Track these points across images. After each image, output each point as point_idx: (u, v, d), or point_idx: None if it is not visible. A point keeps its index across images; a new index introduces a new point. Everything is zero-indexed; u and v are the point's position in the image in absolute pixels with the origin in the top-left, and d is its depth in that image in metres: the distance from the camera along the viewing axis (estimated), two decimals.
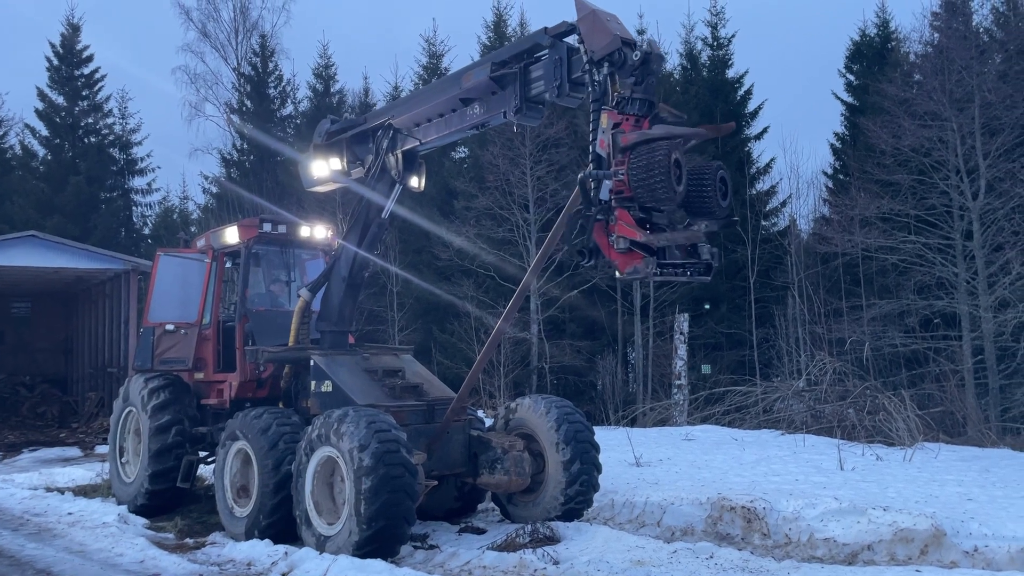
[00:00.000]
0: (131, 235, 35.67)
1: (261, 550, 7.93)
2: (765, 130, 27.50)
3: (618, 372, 23.21)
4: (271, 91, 34.79)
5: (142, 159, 35.98)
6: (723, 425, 17.34)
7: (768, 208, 26.84)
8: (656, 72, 6.47)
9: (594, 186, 6.13)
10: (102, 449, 15.97)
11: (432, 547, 8.12)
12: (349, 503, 7.33)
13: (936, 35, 21.89)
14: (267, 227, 10.00)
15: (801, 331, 22.17)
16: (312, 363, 8.89)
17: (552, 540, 8.00)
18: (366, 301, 23.03)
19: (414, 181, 8.99)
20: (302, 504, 7.87)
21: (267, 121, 33.45)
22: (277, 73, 35.12)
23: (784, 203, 26.92)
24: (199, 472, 10.73)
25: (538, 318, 23.32)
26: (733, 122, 12.75)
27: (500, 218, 23.69)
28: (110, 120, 35.48)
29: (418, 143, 8.53)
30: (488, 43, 29.13)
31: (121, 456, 10.70)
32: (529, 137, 22.78)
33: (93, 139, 34.73)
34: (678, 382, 19.88)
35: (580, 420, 8.94)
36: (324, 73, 34.00)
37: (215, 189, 34.48)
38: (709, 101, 26.20)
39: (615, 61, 6.36)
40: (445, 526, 9.14)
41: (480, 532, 8.88)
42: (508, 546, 7.86)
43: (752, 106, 27.65)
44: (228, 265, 10.55)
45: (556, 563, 7.19)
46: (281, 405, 9.49)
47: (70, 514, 9.78)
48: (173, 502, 10.11)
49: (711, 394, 19.39)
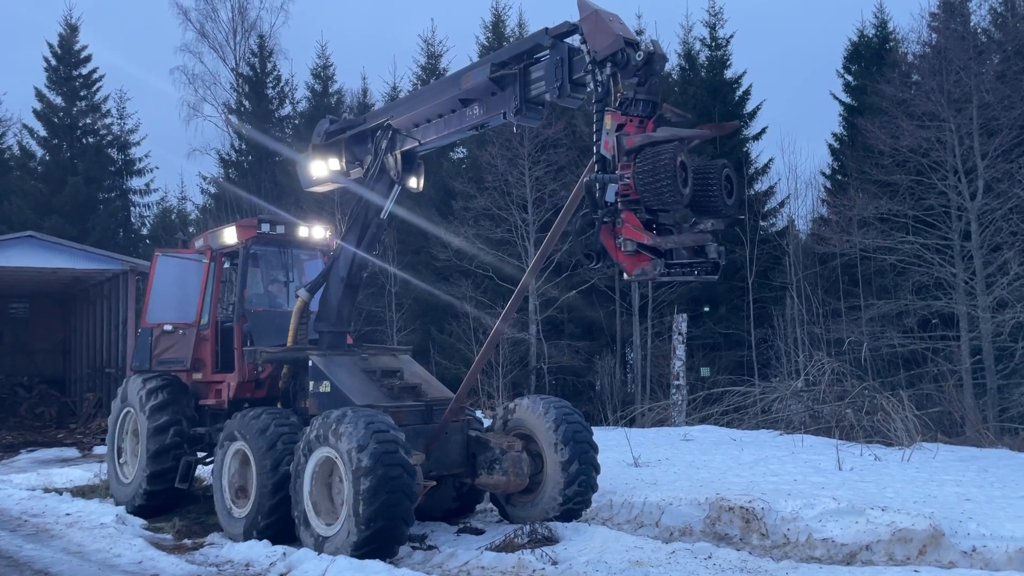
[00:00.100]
0: (129, 235, 35.56)
1: (259, 551, 7.93)
2: (763, 130, 27.42)
3: (616, 372, 23.19)
4: (269, 91, 34.73)
5: (140, 159, 35.92)
6: (721, 425, 17.36)
7: (766, 208, 26.79)
8: (659, 72, 6.47)
9: (600, 189, 6.13)
10: (100, 450, 15.97)
11: (430, 547, 8.12)
12: (347, 504, 7.33)
13: (934, 36, 21.88)
14: (265, 227, 10.00)
15: (799, 331, 22.16)
16: (310, 363, 8.89)
17: (550, 540, 8.01)
18: (364, 301, 23.01)
19: (413, 181, 8.99)
20: (300, 505, 7.86)
21: (265, 121, 33.39)
22: (275, 73, 35.08)
23: (782, 203, 26.93)
24: (197, 473, 10.74)
25: (537, 318, 23.31)
26: (736, 120, 12.78)
27: (498, 218, 23.67)
28: (108, 120, 35.41)
29: (417, 144, 8.53)
30: (487, 44, 29.08)
31: (119, 457, 10.69)
32: (527, 137, 22.75)
33: (91, 139, 34.64)
34: (676, 382, 19.89)
35: (578, 420, 8.94)
36: (322, 73, 33.97)
37: (213, 189, 34.43)
38: (707, 102, 26.15)
39: (618, 61, 6.36)
40: (443, 526, 9.14)
41: (478, 532, 8.88)
42: (506, 546, 7.86)
43: (750, 106, 27.55)
44: (226, 265, 10.55)
45: (554, 563, 7.18)
46: (279, 405, 9.48)
47: (68, 515, 9.79)
48: (171, 503, 10.10)
49: (709, 394, 19.39)
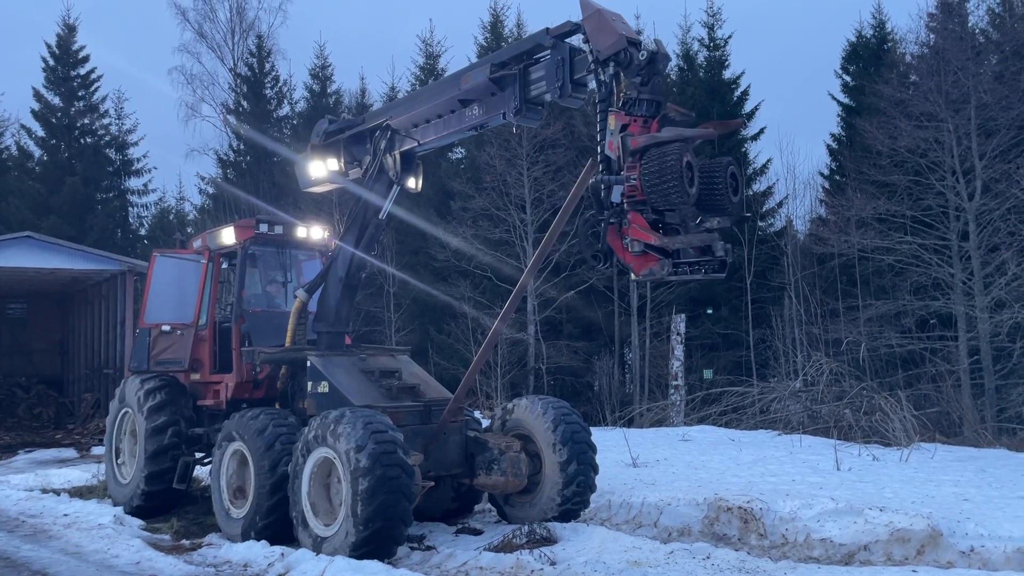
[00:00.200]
0: (127, 236, 35.53)
1: (257, 551, 7.92)
2: (762, 131, 27.38)
3: (615, 373, 23.20)
4: (267, 92, 34.70)
5: (138, 160, 35.88)
6: (720, 426, 17.36)
7: (765, 209, 26.76)
8: (662, 71, 6.47)
9: (605, 190, 6.13)
10: (98, 450, 15.94)
11: (429, 548, 8.11)
12: (346, 504, 7.32)
13: (932, 36, 21.89)
14: (264, 228, 10.00)
15: (798, 332, 22.15)
16: (309, 364, 8.88)
17: (549, 541, 8.00)
18: (363, 302, 23.00)
19: (411, 182, 8.99)
20: (299, 505, 7.86)
21: (263, 122, 33.37)
22: (274, 74, 35.05)
23: (781, 204, 26.89)
24: (195, 473, 10.74)
25: (535, 319, 23.30)
26: (741, 118, 12.76)
27: (497, 219, 23.66)
28: (106, 121, 35.39)
29: (416, 144, 8.52)
30: (485, 44, 29.08)
31: (117, 457, 10.68)
32: (526, 138, 22.75)
33: (89, 140, 34.61)
34: (675, 383, 19.88)
35: (577, 421, 8.94)
36: (321, 74, 33.97)
37: (211, 190, 34.39)
38: (706, 102, 26.12)
39: (621, 61, 6.36)
40: (442, 527, 9.14)
41: (477, 533, 8.88)
42: (505, 547, 7.86)
43: (749, 107, 27.51)
44: (224, 266, 10.54)
45: (553, 564, 7.18)
46: (277, 406, 9.47)
47: (66, 515, 9.78)
48: (169, 503, 10.09)
49: (708, 395, 19.41)
